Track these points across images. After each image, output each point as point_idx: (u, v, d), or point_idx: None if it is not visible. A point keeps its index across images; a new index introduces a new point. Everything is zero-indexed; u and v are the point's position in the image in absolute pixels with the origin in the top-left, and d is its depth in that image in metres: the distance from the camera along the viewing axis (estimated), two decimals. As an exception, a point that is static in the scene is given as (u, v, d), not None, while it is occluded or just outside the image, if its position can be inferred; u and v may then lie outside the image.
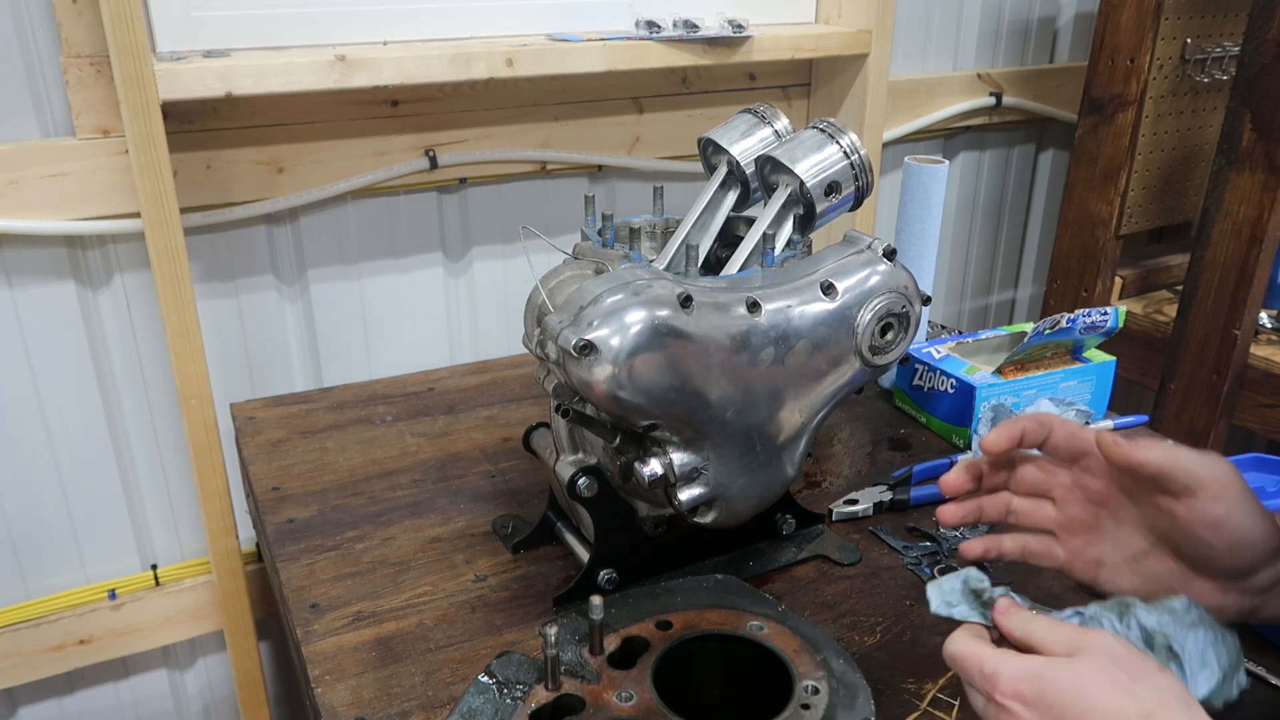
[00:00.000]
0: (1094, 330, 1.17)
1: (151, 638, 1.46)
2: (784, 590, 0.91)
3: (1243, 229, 1.47)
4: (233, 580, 1.33)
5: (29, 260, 1.27)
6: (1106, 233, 1.73)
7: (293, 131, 1.36)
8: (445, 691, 0.78)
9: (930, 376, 1.19)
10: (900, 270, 0.85)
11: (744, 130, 0.96)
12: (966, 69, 1.90)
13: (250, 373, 1.46)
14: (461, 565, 0.94)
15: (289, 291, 1.46)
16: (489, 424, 1.22)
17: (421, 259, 1.53)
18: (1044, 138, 2.09)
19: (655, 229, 0.97)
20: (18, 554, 1.38)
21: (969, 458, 0.74)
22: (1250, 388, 1.57)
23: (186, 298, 1.17)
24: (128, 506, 1.44)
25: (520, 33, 1.41)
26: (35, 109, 1.22)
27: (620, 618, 0.79)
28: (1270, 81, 1.40)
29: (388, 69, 1.23)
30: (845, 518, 1.02)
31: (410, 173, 1.44)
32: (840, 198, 0.90)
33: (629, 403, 0.74)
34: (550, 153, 1.53)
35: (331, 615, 0.87)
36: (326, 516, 1.02)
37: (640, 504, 0.88)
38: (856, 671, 0.74)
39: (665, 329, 0.74)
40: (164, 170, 1.12)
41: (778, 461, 0.85)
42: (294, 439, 1.17)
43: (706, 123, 1.59)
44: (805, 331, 0.81)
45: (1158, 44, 1.61)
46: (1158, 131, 1.71)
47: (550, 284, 0.85)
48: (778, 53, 1.49)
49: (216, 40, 1.24)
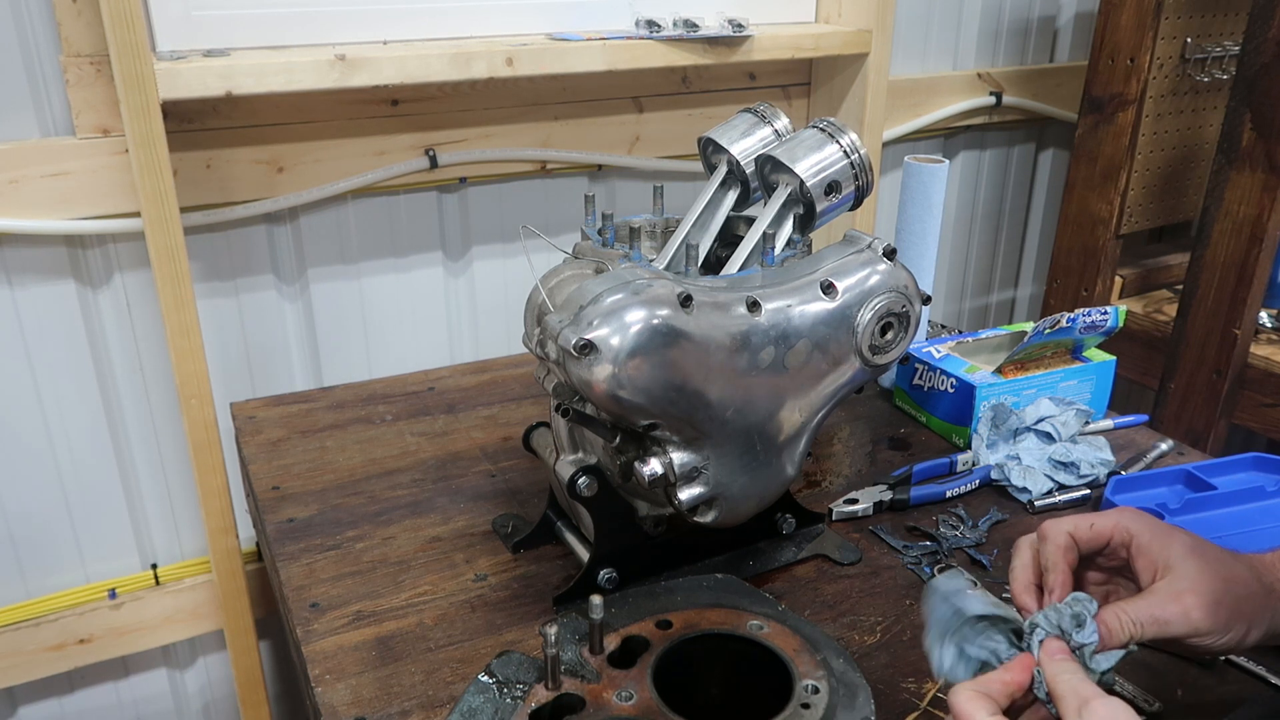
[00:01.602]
0: (1094, 330, 1.17)
1: (151, 637, 1.46)
2: (784, 590, 0.91)
3: (1243, 228, 1.47)
4: (233, 579, 1.33)
5: (29, 260, 1.27)
6: (1106, 232, 1.73)
7: (293, 131, 1.36)
8: (445, 691, 0.78)
9: (930, 376, 1.19)
10: (900, 270, 0.85)
11: (744, 130, 0.95)
12: (966, 68, 1.90)
13: (250, 372, 1.46)
14: (461, 564, 0.94)
15: (289, 291, 1.46)
16: (489, 423, 1.22)
17: (421, 258, 1.53)
18: (1044, 137, 2.09)
19: (655, 228, 0.97)
20: (18, 553, 1.38)
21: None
22: (1250, 387, 1.57)
23: (186, 297, 1.17)
24: (128, 506, 1.44)
25: (520, 32, 1.41)
26: (35, 108, 1.22)
27: (620, 617, 0.79)
28: (1270, 81, 1.40)
29: (388, 68, 1.23)
30: (845, 517, 1.02)
31: (410, 172, 1.44)
32: (840, 197, 0.90)
33: (629, 402, 0.74)
34: (550, 152, 1.53)
35: (331, 614, 0.87)
36: (326, 516, 1.02)
37: (640, 503, 0.88)
38: (856, 671, 0.74)
39: (665, 328, 0.74)
40: (164, 169, 1.12)
41: (778, 461, 0.85)
42: (294, 438, 1.17)
43: (706, 122, 1.59)
44: (805, 331, 0.81)
45: (1158, 43, 1.61)
46: (1158, 131, 1.70)
47: (550, 283, 0.85)
48: (778, 52, 1.49)
49: (216, 39, 1.24)
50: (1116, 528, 0.67)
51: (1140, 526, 0.67)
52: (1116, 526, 0.67)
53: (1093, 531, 0.67)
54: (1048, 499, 1.04)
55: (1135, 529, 0.66)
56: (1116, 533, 0.67)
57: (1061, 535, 0.67)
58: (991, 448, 1.11)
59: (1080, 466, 1.07)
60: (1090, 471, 1.07)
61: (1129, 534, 0.66)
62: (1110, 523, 0.67)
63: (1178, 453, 1.17)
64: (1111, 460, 1.09)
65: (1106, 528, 0.67)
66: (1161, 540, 0.66)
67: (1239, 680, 0.80)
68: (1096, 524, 0.67)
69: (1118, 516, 0.68)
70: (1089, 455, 1.08)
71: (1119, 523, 0.67)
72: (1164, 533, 0.66)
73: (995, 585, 0.90)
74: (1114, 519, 0.67)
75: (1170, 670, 0.80)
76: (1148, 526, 0.67)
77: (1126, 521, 0.67)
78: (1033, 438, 1.11)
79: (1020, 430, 1.12)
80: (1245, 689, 0.80)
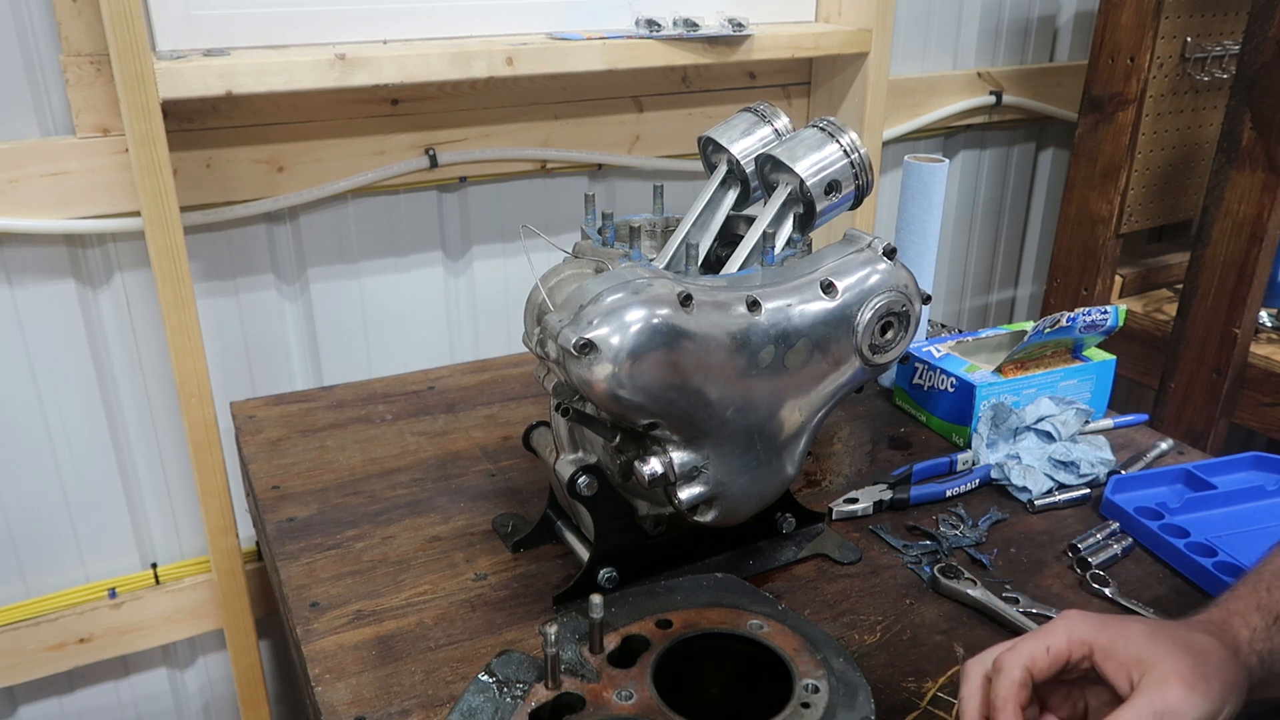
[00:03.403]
0: (1094, 329, 1.17)
1: (151, 636, 1.46)
2: (784, 589, 0.91)
3: (1243, 227, 1.47)
4: (233, 579, 1.33)
5: (29, 259, 1.27)
6: (1106, 231, 1.73)
7: (293, 130, 1.36)
8: (445, 690, 0.78)
9: (930, 375, 1.19)
10: (900, 269, 0.85)
11: (744, 129, 0.95)
12: (966, 68, 1.90)
13: (250, 371, 1.46)
14: (461, 564, 0.94)
15: (289, 290, 1.46)
16: (489, 423, 1.22)
17: (421, 257, 1.53)
18: (1044, 136, 2.09)
19: (655, 227, 0.97)
20: (18, 553, 1.38)
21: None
22: (1250, 386, 1.57)
23: (186, 296, 1.17)
24: (128, 505, 1.44)
25: (520, 31, 1.41)
26: (35, 107, 1.22)
27: (620, 616, 0.79)
28: (1270, 80, 1.40)
29: (388, 68, 1.23)
30: (845, 516, 1.02)
31: (410, 171, 1.44)
32: (840, 196, 0.90)
33: (629, 401, 0.74)
34: (550, 151, 1.53)
35: (331, 614, 0.87)
36: (326, 515, 1.02)
37: (640, 503, 0.88)
38: (856, 670, 0.74)
39: (665, 328, 0.74)
40: (164, 169, 1.12)
41: (778, 460, 0.85)
42: (294, 437, 1.17)
43: (706, 121, 1.59)
44: (805, 330, 0.81)
45: (1158, 42, 1.61)
46: (1158, 130, 1.71)
47: (550, 282, 0.85)
48: (778, 51, 1.49)
49: (216, 39, 1.24)
50: (1072, 643, 0.64)
51: (1095, 633, 0.64)
52: (1071, 641, 0.64)
53: (1050, 656, 0.64)
54: (1048, 498, 1.04)
55: (1091, 637, 0.64)
56: (1073, 649, 0.64)
57: (1016, 670, 0.64)
58: (991, 447, 1.11)
59: (1080, 466, 1.07)
60: (1090, 471, 1.07)
61: (1087, 645, 0.64)
62: (1063, 640, 0.64)
63: (1178, 452, 1.17)
64: (1111, 460, 1.09)
65: (1062, 648, 0.64)
66: (1122, 638, 0.64)
67: (1239, 679, 0.80)
68: (1052, 646, 0.64)
69: (1067, 629, 0.65)
70: (1089, 454, 1.08)
71: (1072, 636, 0.65)
72: (1120, 629, 0.64)
73: (995, 585, 0.90)
74: (1064, 634, 0.65)
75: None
76: (1102, 629, 0.64)
77: (1080, 633, 0.65)
78: (1033, 437, 1.11)
79: (1020, 429, 1.12)
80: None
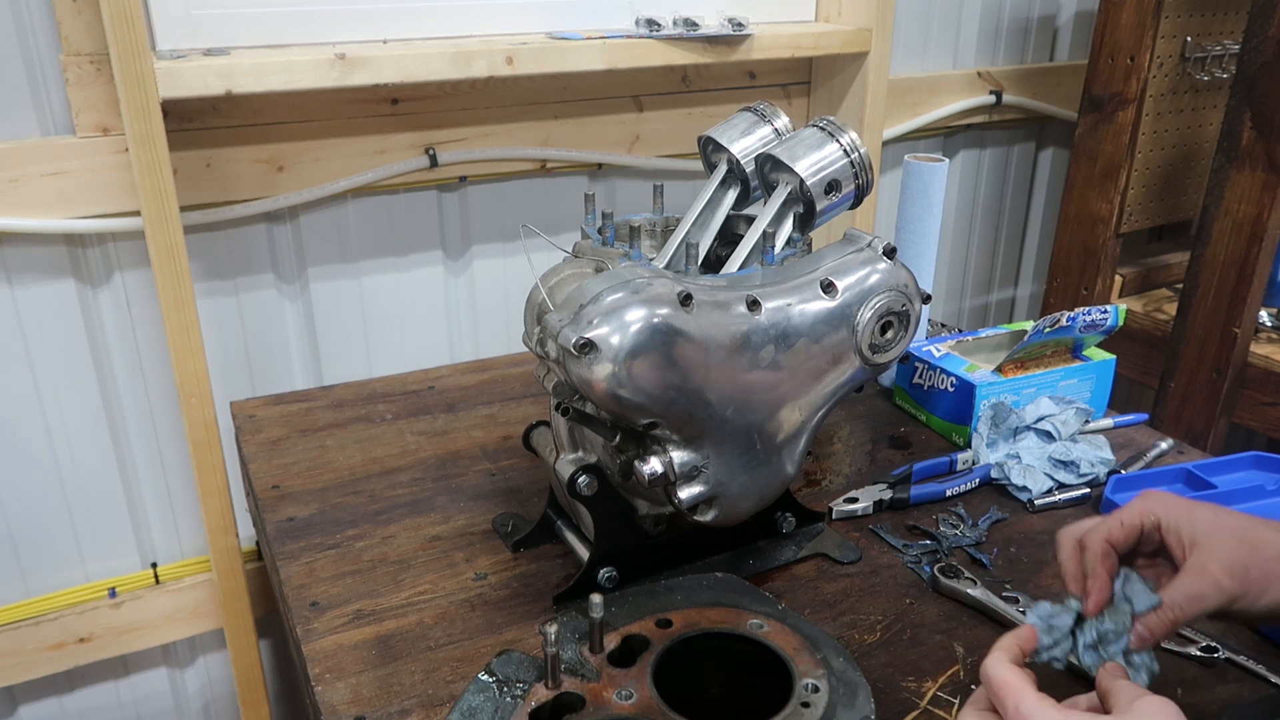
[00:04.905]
0: (1094, 328, 1.17)
1: (151, 636, 1.46)
2: (784, 589, 0.91)
3: (1243, 227, 1.47)
4: (233, 578, 1.33)
5: (29, 258, 1.27)
6: (1106, 231, 1.73)
7: (293, 130, 1.36)
8: (445, 690, 0.78)
9: (930, 375, 1.19)
10: (900, 268, 0.85)
11: (744, 128, 0.95)
12: (966, 67, 1.90)
13: (250, 371, 1.46)
14: (461, 563, 0.94)
15: (289, 290, 1.46)
16: (489, 422, 1.22)
17: (421, 257, 1.53)
18: (1044, 136, 2.09)
19: (655, 227, 0.97)
20: (18, 552, 1.38)
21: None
22: (1250, 386, 1.57)
23: (186, 296, 1.17)
24: (128, 505, 1.44)
25: (520, 31, 1.41)
26: (35, 107, 1.22)
27: (620, 616, 0.79)
28: (1270, 80, 1.40)
29: (388, 67, 1.23)
30: (845, 516, 1.02)
31: (410, 171, 1.44)
32: (840, 196, 0.90)
33: (629, 401, 0.74)
34: (550, 151, 1.53)
35: (331, 613, 0.87)
36: (326, 515, 1.02)
37: (640, 502, 0.88)
38: (856, 670, 0.74)
39: (665, 327, 0.74)
40: (164, 168, 1.12)
41: (778, 460, 0.85)
42: (294, 437, 1.17)
43: (706, 121, 1.59)
44: (805, 330, 0.81)
45: (1158, 42, 1.61)
46: (1158, 130, 1.70)
47: (550, 282, 0.85)
48: (778, 51, 1.49)
49: (216, 38, 1.24)
50: (1144, 515, 0.70)
51: (1164, 509, 0.70)
52: (1143, 514, 0.70)
53: (1125, 529, 0.70)
54: (1047, 498, 1.04)
55: (1160, 512, 0.70)
56: (1145, 520, 0.70)
57: (1098, 543, 0.70)
58: (991, 446, 1.11)
59: (1080, 465, 1.07)
60: (1090, 470, 1.07)
61: (1155, 518, 0.69)
62: (1136, 515, 0.70)
63: (1178, 452, 1.17)
64: (1111, 459, 1.09)
65: (1135, 522, 0.70)
66: (1185, 517, 0.69)
67: (1239, 679, 0.80)
68: (1125, 520, 0.70)
69: (1142, 504, 0.70)
70: (1089, 454, 1.08)
71: (1144, 509, 0.70)
72: (1185, 510, 0.69)
73: (994, 585, 0.90)
74: (1139, 507, 0.70)
75: (1170, 669, 0.80)
76: (1171, 507, 0.70)
77: (1150, 506, 0.70)
78: (1033, 436, 1.11)
79: (1020, 429, 1.12)
80: (1245, 688, 0.80)
